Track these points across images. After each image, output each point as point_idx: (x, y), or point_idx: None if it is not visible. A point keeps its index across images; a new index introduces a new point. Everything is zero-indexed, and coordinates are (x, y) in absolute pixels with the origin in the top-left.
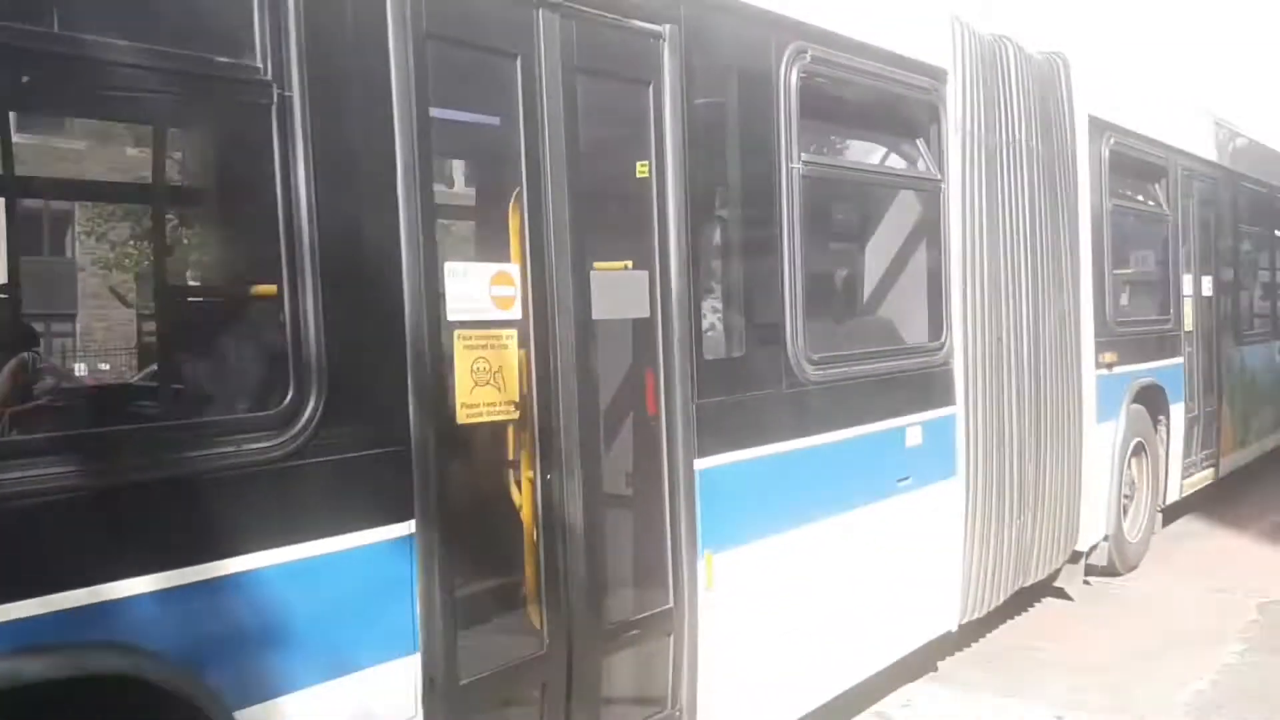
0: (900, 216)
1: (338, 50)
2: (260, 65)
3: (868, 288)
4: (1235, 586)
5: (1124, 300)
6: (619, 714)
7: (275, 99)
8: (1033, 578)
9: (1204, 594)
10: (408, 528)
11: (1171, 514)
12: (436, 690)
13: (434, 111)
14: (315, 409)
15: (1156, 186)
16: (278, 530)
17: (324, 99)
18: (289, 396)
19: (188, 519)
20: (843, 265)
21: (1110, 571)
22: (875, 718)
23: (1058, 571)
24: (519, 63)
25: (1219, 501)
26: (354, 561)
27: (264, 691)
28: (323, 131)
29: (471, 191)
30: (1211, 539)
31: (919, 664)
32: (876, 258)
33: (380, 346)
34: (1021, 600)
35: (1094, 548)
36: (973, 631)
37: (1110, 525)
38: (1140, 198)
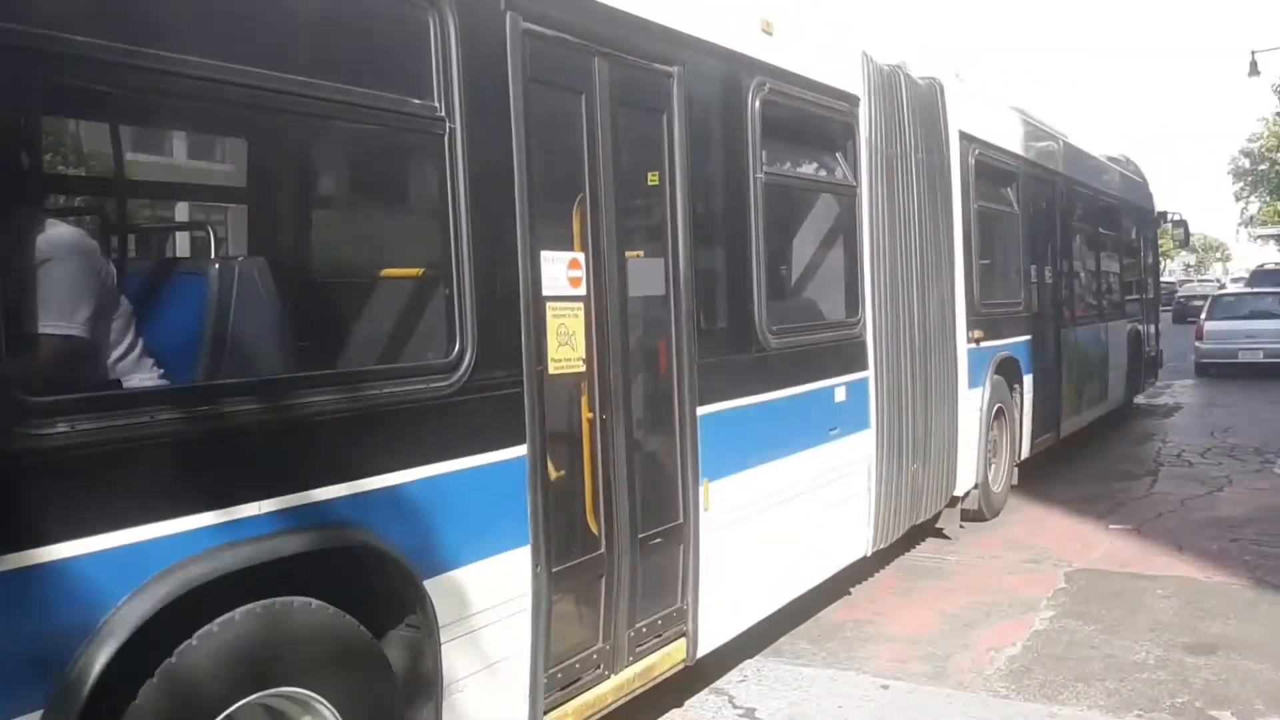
0: (828, 216)
1: (483, 98)
2: (438, 105)
3: (807, 273)
4: (1046, 556)
5: (987, 286)
6: (647, 602)
7: (446, 131)
8: (923, 516)
9: (1018, 563)
10: (521, 450)
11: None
12: (539, 574)
13: (532, 137)
14: (471, 359)
15: (1009, 190)
16: (447, 448)
17: (476, 131)
18: (455, 350)
19: (395, 437)
20: (789, 255)
21: (979, 517)
22: (713, 694)
23: (938, 515)
24: (584, 99)
25: (1052, 462)
26: (488, 475)
27: (440, 567)
28: (476, 156)
29: (553, 196)
30: (1030, 508)
31: (756, 640)
32: (811, 249)
33: (506, 314)
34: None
35: (967, 494)
36: (805, 609)
37: (979, 476)
38: (997, 200)
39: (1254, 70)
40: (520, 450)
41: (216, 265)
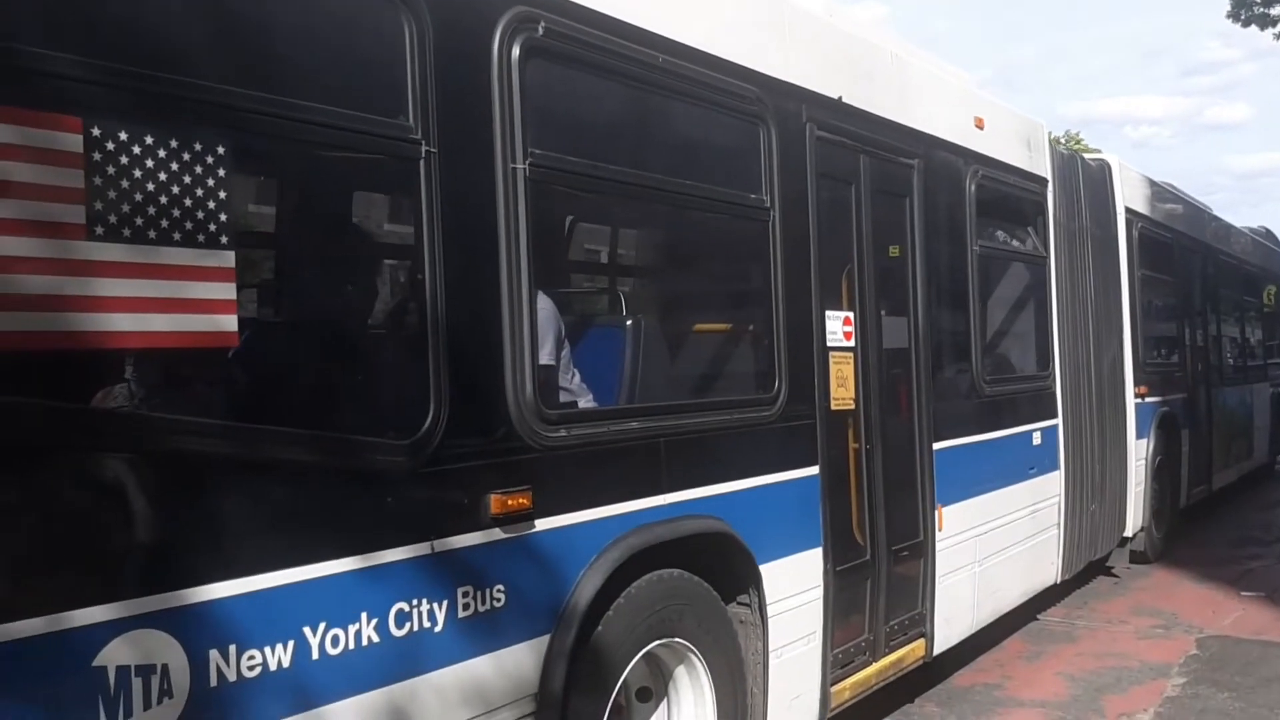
0: (1023, 282)
1: (790, 190)
2: (765, 198)
3: (1009, 331)
4: (1176, 621)
5: (1149, 347)
6: (897, 604)
7: (771, 218)
8: (1099, 553)
9: (1148, 628)
10: (815, 470)
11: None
12: (828, 570)
13: (820, 219)
14: (784, 394)
15: (1165, 259)
16: (769, 463)
17: (787, 215)
18: (775, 388)
19: (738, 452)
20: (996, 315)
21: (1143, 559)
22: None
23: (1109, 554)
24: (853, 188)
25: (1181, 525)
26: (795, 488)
27: (768, 556)
28: (788, 236)
29: (831, 266)
30: (1158, 573)
31: (884, 702)
32: (1011, 310)
33: (805, 360)
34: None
35: (1135, 535)
36: (941, 669)
37: (1146, 520)
38: (1156, 269)
39: None
40: (814, 470)
41: (629, 320)
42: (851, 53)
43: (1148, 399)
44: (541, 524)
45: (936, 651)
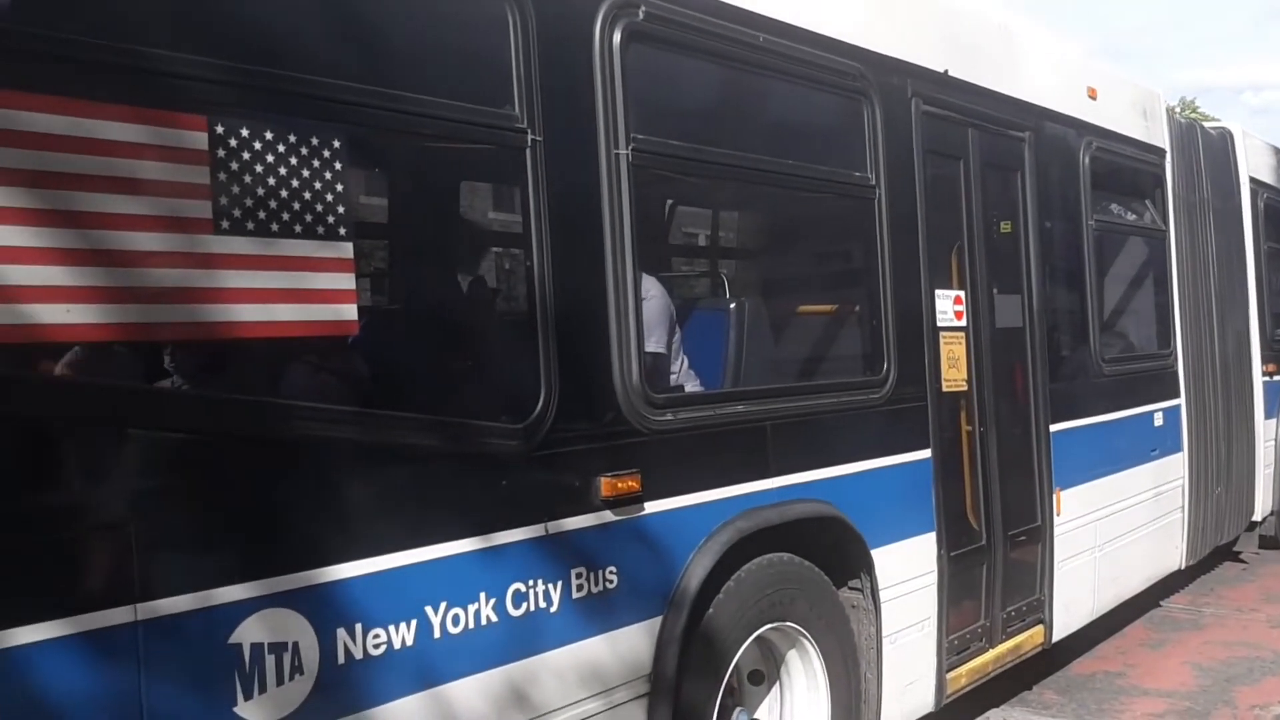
0: (1141, 258)
1: (897, 167)
2: (870, 176)
3: (1127, 308)
4: None
5: (1278, 323)
6: (1014, 590)
7: (876, 196)
8: (1225, 538)
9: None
10: (927, 453)
11: None
12: (942, 556)
13: (928, 196)
14: (893, 375)
15: None
16: (879, 447)
17: (894, 193)
18: (883, 370)
19: (847, 435)
20: (1113, 292)
21: (1274, 544)
22: None
23: (1236, 539)
24: (961, 163)
25: None
26: (907, 472)
27: (880, 541)
28: (894, 214)
29: (940, 243)
30: None
31: (1000, 690)
32: (1129, 287)
33: (914, 341)
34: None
35: (1264, 520)
36: (1060, 657)
37: (1276, 503)
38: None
39: None
40: (926, 453)
41: (733, 303)
42: (957, 24)
43: (1276, 377)
44: (650, 507)
45: (1056, 638)
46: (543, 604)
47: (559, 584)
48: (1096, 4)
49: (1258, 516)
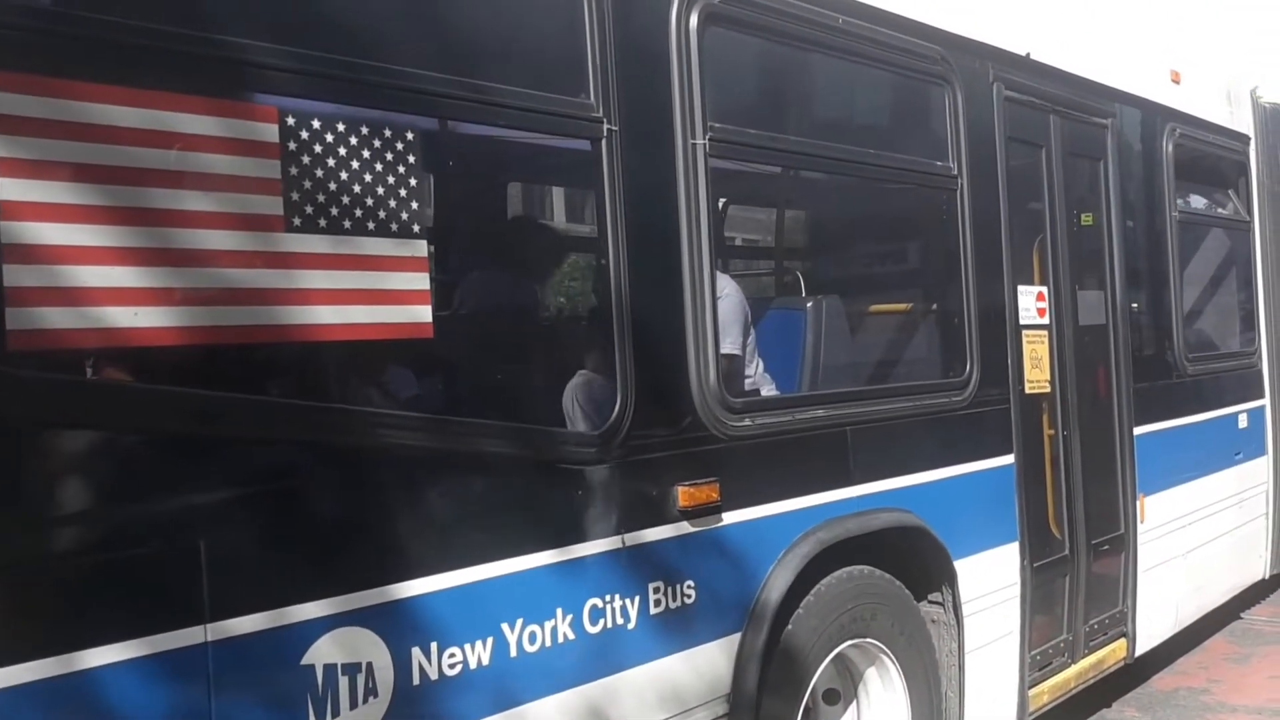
0: (1225, 250)
1: (979, 156)
2: (952, 165)
3: (1210, 305)
4: None
5: None
6: (1097, 602)
7: (959, 186)
8: None
9: None
10: (1010, 458)
11: None
12: (1025, 567)
13: (1010, 187)
14: (976, 377)
15: None
16: (962, 452)
17: (975, 184)
18: (966, 371)
19: (929, 440)
20: (1197, 288)
21: None
22: None
23: None
24: (1043, 151)
25: None
26: (990, 478)
27: (963, 551)
28: (977, 206)
29: (1022, 237)
30: None
31: (1080, 707)
32: (1212, 282)
33: (997, 340)
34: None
35: None
36: (1140, 672)
37: None
38: None
39: None
40: (1009, 459)
41: (810, 302)
42: (1038, 3)
43: None
44: (729, 517)
45: (1139, 652)
46: (620, 620)
47: (636, 599)
48: None
49: None
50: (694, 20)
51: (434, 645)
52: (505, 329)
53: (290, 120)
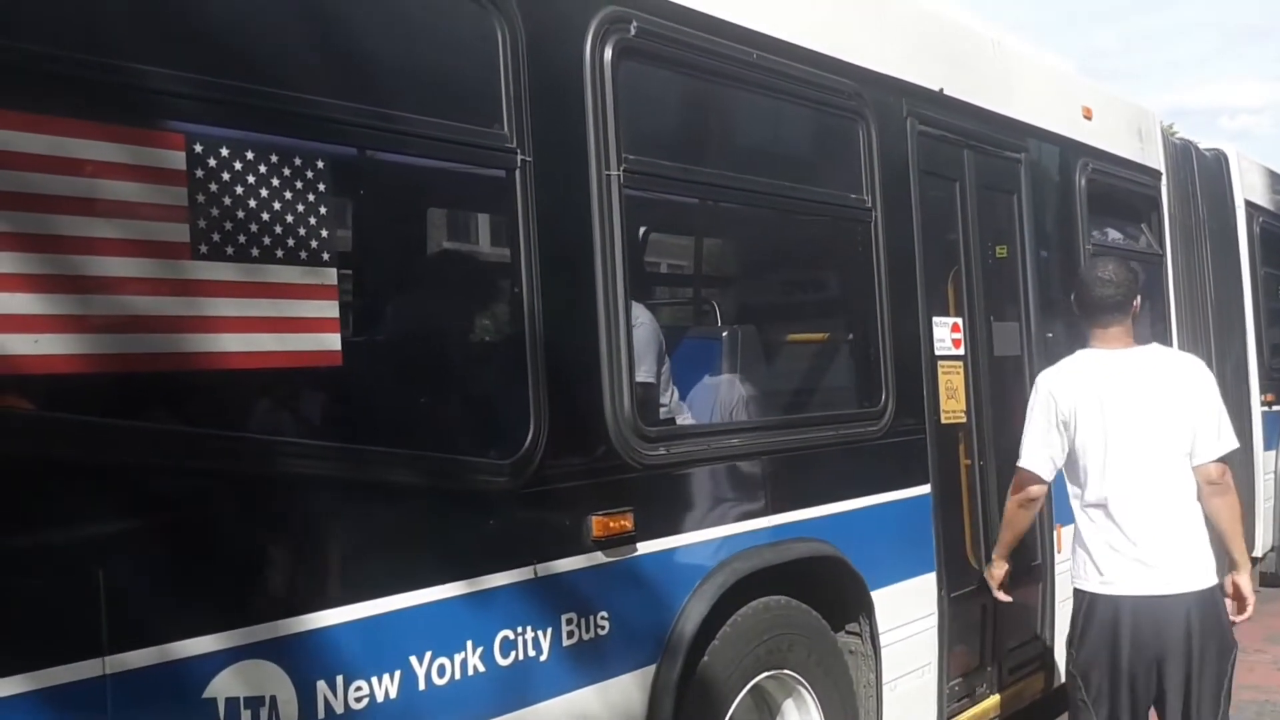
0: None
1: (892, 190)
2: (866, 198)
3: None
4: None
5: (1277, 352)
6: (1015, 631)
7: (873, 219)
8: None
9: None
10: (926, 489)
11: None
12: (942, 597)
13: (924, 219)
14: (891, 407)
15: None
16: (877, 482)
17: (890, 217)
18: (882, 401)
19: (844, 470)
20: None
21: (1276, 582)
22: None
23: None
24: (957, 185)
25: None
26: (906, 508)
27: (879, 581)
28: (890, 238)
29: (936, 269)
30: None
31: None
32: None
33: (912, 370)
34: None
35: (1264, 556)
36: (1062, 705)
37: (1276, 539)
38: (1275, 268)
39: None
40: (926, 489)
41: (725, 332)
42: (952, 41)
43: (1275, 407)
44: (643, 547)
45: (1059, 683)
46: (532, 652)
47: (549, 631)
48: (1072, 21)
49: (1258, 553)
50: (608, 53)
51: (339, 678)
52: (416, 357)
53: (198, 147)
